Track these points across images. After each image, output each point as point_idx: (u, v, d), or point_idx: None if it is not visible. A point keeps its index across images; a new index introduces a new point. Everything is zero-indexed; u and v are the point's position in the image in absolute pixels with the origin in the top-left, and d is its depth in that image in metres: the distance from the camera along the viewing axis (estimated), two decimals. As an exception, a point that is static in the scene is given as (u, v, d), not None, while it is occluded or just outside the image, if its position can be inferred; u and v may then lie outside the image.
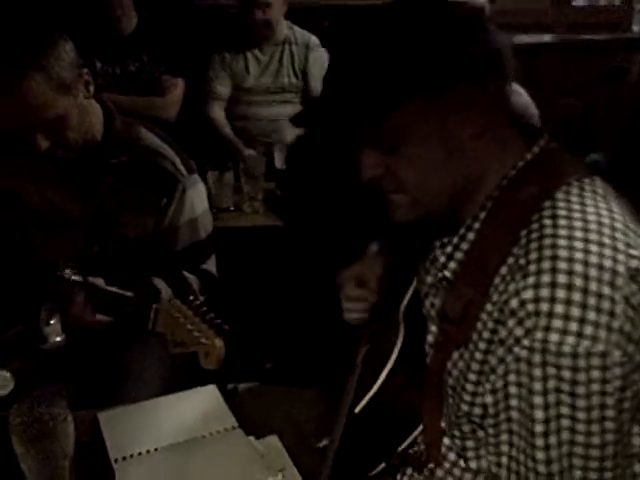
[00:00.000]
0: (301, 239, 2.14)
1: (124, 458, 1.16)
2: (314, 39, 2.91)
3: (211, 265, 1.74)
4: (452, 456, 0.98)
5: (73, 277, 1.50)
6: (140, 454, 1.17)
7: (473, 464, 0.95)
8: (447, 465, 0.98)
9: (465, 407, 0.92)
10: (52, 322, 1.56)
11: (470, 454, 0.95)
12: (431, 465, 1.00)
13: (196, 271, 1.69)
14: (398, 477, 1.07)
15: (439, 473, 0.99)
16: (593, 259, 0.81)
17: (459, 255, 0.96)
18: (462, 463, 0.96)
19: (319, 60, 2.86)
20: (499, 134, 0.93)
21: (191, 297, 1.28)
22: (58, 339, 1.55)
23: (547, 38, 3.80)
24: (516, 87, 1.11)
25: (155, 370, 1.63)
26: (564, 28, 3.82)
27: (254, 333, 2.08)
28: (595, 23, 3.87)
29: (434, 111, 0.89)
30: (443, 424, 0.98)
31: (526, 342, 0.81)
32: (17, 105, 1.37)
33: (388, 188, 0.96)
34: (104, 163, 1.57)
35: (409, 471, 1.06)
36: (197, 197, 1.66)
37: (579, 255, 0.81)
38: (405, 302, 1.14)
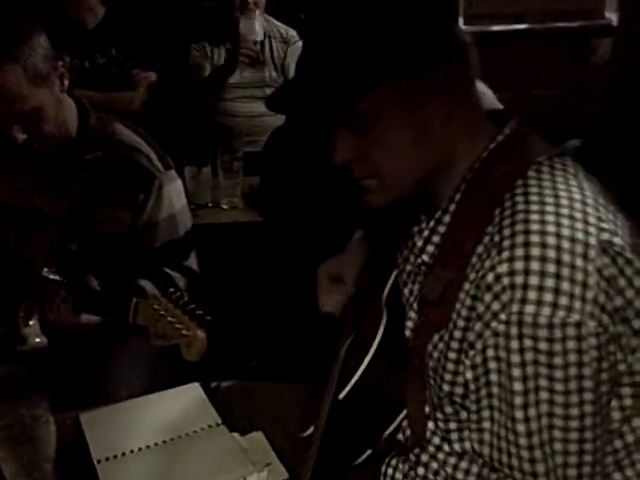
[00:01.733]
0: (280, 233, 2.13)
1: (107, 459, 1.15)
2: (292, 32, 2.90)
3: (192, 262, 1.73)
4: (436, 440, 0.98)
5: (51, 276, 1.48)
6: (123, 454, 1.16)
7: (457, 446, 0.95)
8: (432, 449, 0.98)
9: (447, 387, 0.93)
10: (31, 323, 1.54)
11: (453, 436, 0.95)
12: (416, 450, 1.00)
13: (179, 268, 1.67)
14: (383, 468, 1.07)
15: (424, 458, 0.99)
16: (565, 232, 0.82)
17: (436, 238, 0.97)
18: (446, 447, 0.96)
19: (297, 54, 2.85)
20: (468, 117, 0.95)
21: (171, 289, 1.27)
22: (37, 340, 1.53)
23: (520, 26, 3.81)
24: (481, 86, 1.13)
25: (137, 369, 1.61)
26: (537, 16, 3.84)
27: (237, 330, 2.07)
28: (568, 10, 3.89)
29: (405, 95, 0.90)
30: (427, 409, 0.99)
31: (503, 316, 0.82)
32: None
33: (360, 172, 0.96)
34: (79, 159, 1.55)
35: (394, 462, 1.06)
36: (175, 193, 1.65)
37: (551, 228, 0.82)
38: (387, 290, 1.14)
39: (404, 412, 1.04)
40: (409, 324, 1.02)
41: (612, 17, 3.78)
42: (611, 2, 3.85)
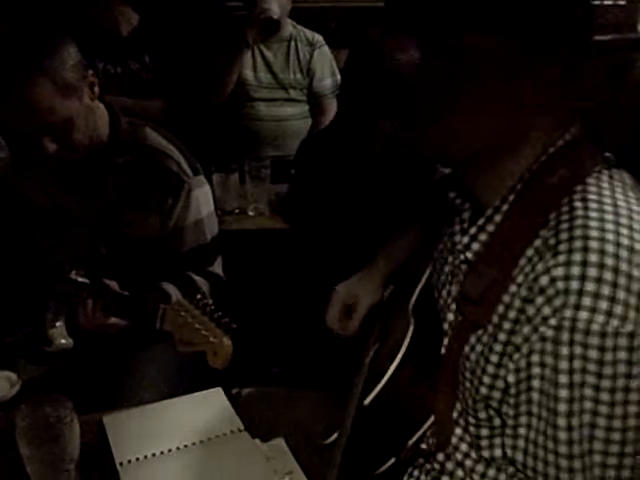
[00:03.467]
0: (306, 241, 2.13)
1: (129, 461, 1.16)
2: (318, 37, 2.91)
3: (218, 268, 1.74)
4: (464, 447, 0.97)
5: (80, 279, 1.50)
6: (145, 457, 1.17)
7: (486, 453, 0.94)
8: (458, 457, 0.97)
9: (484, 390, 0.91)
10: (58, 325, 1.56)
11: (484, 442, 0.94)
12: (441, 458, 0.99)
13: (204, 273, 1.68)
14: (405, 478, 1.07)
15: (449, 466, 0.98)
16: (624, 241, 0.81)
17: (483, 237, 0.95)
18: (474, 454, 0.95)
19: (324, 57, 2.86)
20: (552, 117, 0.91)
21: (198, 296, 1.27)
22: (64, 342, 1.55)
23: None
24: None
25: (161, 373, 1.62)
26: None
27: (260, 336, 2.07)
28: (599, 24, 3.85)
29: (523, 61, 0.86)
30: (455, 414, 0.97)
31: (553, 321, 0.81)
32: (23, 109, 1.37)
33: (428, 115, 0.92)
34: (109, 163, 1.57)
35: (416, 472, 1.05)
36: (203, 198, 1.66)
37: (610, 236, 0.81)
38: (414, 298, 1.13)
39: (429, 421, 1.03)
40: (445, 326, 1.01)
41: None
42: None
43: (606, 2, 3.90)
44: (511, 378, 0.87)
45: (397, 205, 1.62)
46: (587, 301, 0.79)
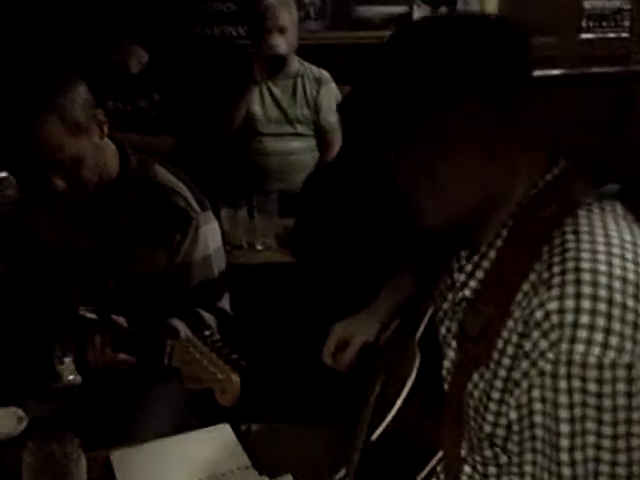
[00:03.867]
0: (311, 275, 2.14)
1: (136, 499, 1.15)
2: (325, 73, 2.95)
3: (225, 303, 1.74)
4: None
5: (88, 315, 1.51)
6: (153, 494, 1.16)
7: None
8: None
9: (488, 428, 0.91)
10: (66, 361, 1.56)
11: None
12: None
13: (212, 309, 1.69)
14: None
15: None
16: (617, 271, 0.81)
17: (480, 274, 0.95)
18: None
19: (330, 93, 2.90)
20: (532, 150, 0.94)
21: (207, 332, 1.28)
22: (72, 378, 1.56)
23: (556, 72, 3.81)
24: None
25: (168, 409, 1.62)
26: (573, 62, 3.83)
27: (268, 372, 2.06)
28: (604, 56, 3.89)
29: (486, 114, 0.89)
30: (463, 452, 0.97)
31: (550, 355, 0.81)
32: (32, 147, 1.39)
33: (421, 194, 0.95)
34: (118, 200, 1.59)
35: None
36: (210, 234, 1.67)
37: (603, 267, 0.81)
38: (420, 331, 1.13)
39: (437, 456, 1.02)
40: (446, 363, 1.01)
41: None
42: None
43: (610, 35, 3.95)
44: (513, 415, 0.87)
45: (403, 239, 1.62)
46: (583, 333, 0.79)
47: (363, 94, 0.97)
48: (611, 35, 3.96)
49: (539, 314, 0.82)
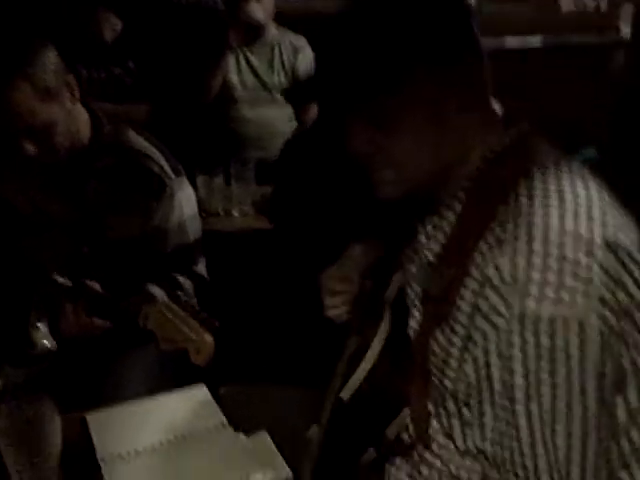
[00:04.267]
0: (289, 240, 2.14)
1: (112, 458, 1.16)
2: (302, 39, 2.92)
3: (202, 268, 1.74)
4: (440, 438, 0.97)
5: (61, 280, 1.50)
6: (128, 453, 1.17)
7: (460, 444, 0.95)
8: (436, 448, 0.98)
9: (449, 384, 0.93)
10: (40, 327, 1.55)
11: (457, 434, 0.95)
12: (420, 449, 1.00)
13: (188, 274, 1.69)
14: (387, 467, 1.07)
15: (428, 457, 0.99)
16: (569, 227, 0.82)
17: (440, 236, 0.97)
18: (451, 445, 0.96)
19: (307, 60, 2.88)
20: (482, 114, 0.95)
21: (180, 294, 1.28)
22: (47, 344, 1.55)
23: (535, 41, 3.82)
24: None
25: (144, 372, 1.62)
26: (552, 31, 3.84)
27: (245, 336, 2.07)
28: (583, 26, 3.90)
29: (429, 87, 0.90)
30: (431, 407, 0.98)
31: (503, 310, 0.82)
32: (3, 113, 1.38)
33: (376, 165, 0.96)
34: (90, 166, 1.57)
35: (397, 461, 1.05)
36: (185, 200, 1.66)
37: (554, 223, 0.82)
38: (391, 292, 1.14)
39: (407, 410, 1.04)
40: (412, 323, 1.02)
41: (627, 31, 3.78)
42: (626, 17, 3.85)
43: (588, 4, 3.96)
44: (470, 370, 0.89)
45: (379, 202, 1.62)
46: (534, 289, 0.80)
47: (321, 64, 0.99)
48: (590, 4, 3.96)
49: (492, 272, 0.83)
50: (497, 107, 1.00)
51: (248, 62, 2.86)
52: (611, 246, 0.83)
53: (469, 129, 0.94)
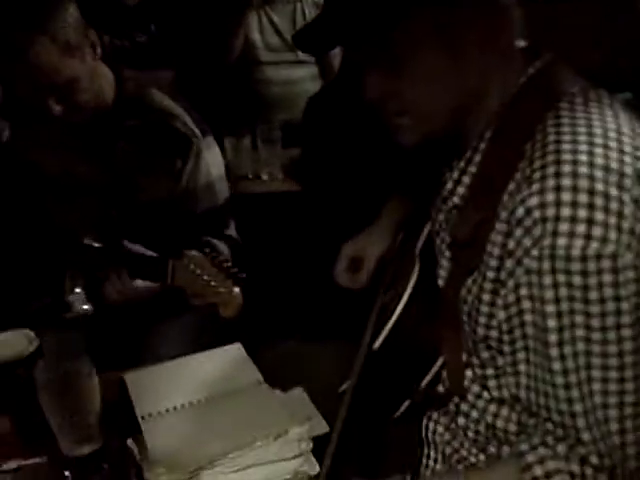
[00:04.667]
0: (319, 203, 2.12)
1: (150, 415, 1.16)
2: None
3: (233, 231, 1.74)
4: (476, 388, 0.96)
5: (94, 244, 1.50)
6: (167, 410, 1.17)
7: (495, 393, 0.93)
8: (471, 398, 0.97)
9: (482, 331, 0.91)
10: (77, 291, 1.57)
11: (491, 383, 0.93)
12: (456, 400, 0.99)
13: (222, 236, 1.68)
14: (424, 421, 1.06)
15: (464, 407, 0.97)
16: (599, 161, 0.79)
17: (466, 179, 0.94)
18: (486, 394, 0.95)
19: None
20: (503, 47, 0.91)
21: (207, 249, 1.28)
22: (85, 307, 1.56)
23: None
24: None
25: (180, 337, 1.64)
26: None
27: (277, 299, 2.07)
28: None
29: (441, 20, 0.87)
30: (465, 356, 0.97)
31: (535, 252, 0.79)
32: (26, 70, 1.37)
33: (393, 109, 0.93)
34: (117, 127, 1.57)
35: (435, 415, 1.04)
36: (212, 160, 1.65)
37: (583, 157, 0.79)
38: (420, 242, 1.12)
39: (440, 361, 1.02)
40: (442, 272, 1.00)
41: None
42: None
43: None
44: (502, 315, 0.86)
45: (409, 161, 1.60)
46: (564, 227, 0.77)
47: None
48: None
49: (520, 211, 0.80)
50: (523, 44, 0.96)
51: (271, 21, 2.81)
52: None
53: (489, 62, 0.90)
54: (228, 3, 2.74)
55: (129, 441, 1.11)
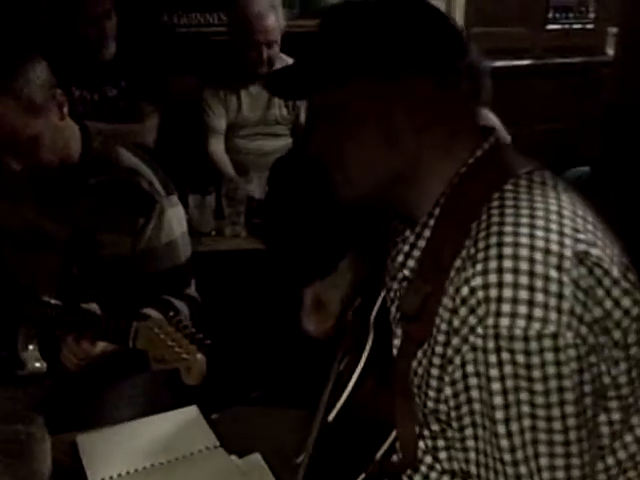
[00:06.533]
0: (281, 259, 2.13)
1: (102, 480, 1.14)
2: None
3: (192, 290, 1.73)
4: (428, 459, 0.96)
5: (52, 301, 1.48)
6: (119, 475, 1.15)
7: (446, 465, 0.93)
8: (424, 469, 0.96)
9: (431, 404, 0.91)
10: (30, 348, 1.53)
11: (442, 455, 0.94)
12: (409, 471, 0.98)
13: (182, 296, 1.67)
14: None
15: (416, 479, 0.97)
16: (539, 243, 0.82)
17: (416, 253, 0.97)
18: (438, 466, 0.95)
19: None
20: (447, 131, 0.95)
21: (171, 313, 1.27)
22: (37, 365, 1.53)
23: (523, 62, 3.86)
24: (486, 112, 1.15)
25: (137, 397, 1.61)
26: (539, 52, 3.89)
27: (239, 358, 2.05)
28: (570, 47, 3.95)
29: (380, 95, 0.92)
30: (417, 428, 0.97)
31: (480, 330, 0.81)
32: None
33: (328, 164, 0.98)
34: (81, 183, 1.56)
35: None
36: (175, 219, 1.65)
37: (524, 240, 0.82)
38: (375, 310, 1.13)
39: (395, 432, 1.02)
40: (396, 342, 1.00)
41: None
42: (612, 39, 3.90)
43: (575, 27, 4.00)
44: (449, 391, 0.87)
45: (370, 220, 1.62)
46: (507, 308, 0.80)
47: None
48: (576, 26, 4.01)
49: (465, 290, 0.83)
50: (492, 117, 1.00)
51: (251, 96, 2.84)
52: (583, 260, 0.82)
53: (427, 148, 0.94)
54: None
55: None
